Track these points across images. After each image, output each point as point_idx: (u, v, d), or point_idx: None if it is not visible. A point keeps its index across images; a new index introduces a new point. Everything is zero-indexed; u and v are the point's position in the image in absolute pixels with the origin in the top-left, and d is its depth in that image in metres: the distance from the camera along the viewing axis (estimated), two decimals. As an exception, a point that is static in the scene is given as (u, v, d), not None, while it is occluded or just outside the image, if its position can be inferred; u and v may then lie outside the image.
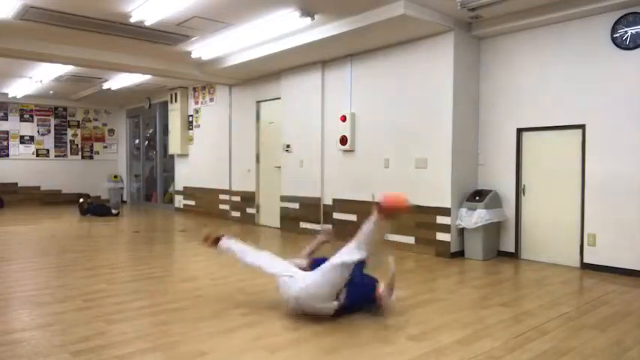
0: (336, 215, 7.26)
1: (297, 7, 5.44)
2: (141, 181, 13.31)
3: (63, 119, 13.02)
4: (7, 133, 12.24)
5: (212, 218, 9.81)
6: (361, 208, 6.89)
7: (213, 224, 8.97)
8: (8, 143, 12.27)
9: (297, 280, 3.35)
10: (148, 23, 5.92)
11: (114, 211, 10.25)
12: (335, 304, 3.32)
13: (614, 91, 5.02)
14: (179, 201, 11.24)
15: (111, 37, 6.67)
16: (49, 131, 12.81)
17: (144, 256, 6.01)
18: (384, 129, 6.59)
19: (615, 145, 5.03)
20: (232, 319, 3.47)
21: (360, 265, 3.39)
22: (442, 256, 5.88)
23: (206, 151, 10.36)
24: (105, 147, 13.78)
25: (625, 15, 4.92)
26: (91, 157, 13.51)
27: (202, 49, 7.18)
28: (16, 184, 12.37)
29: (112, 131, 13.89)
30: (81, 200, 10.32)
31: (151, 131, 12.85)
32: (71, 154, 13.18)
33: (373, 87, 6.73)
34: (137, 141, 13.48)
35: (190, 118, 10.85)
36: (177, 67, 8.25)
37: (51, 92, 11.58)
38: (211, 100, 10.17)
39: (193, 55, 7.47)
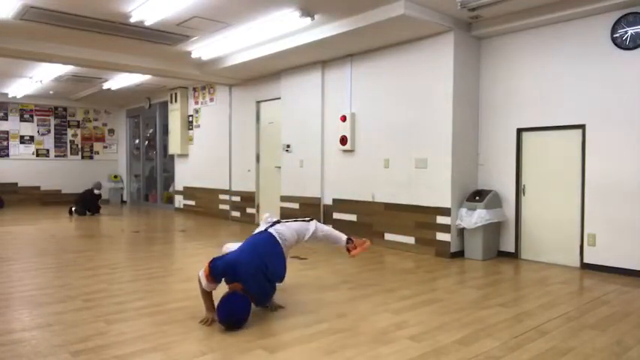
0: (336, 215, 7.26)
1: (297, 7, 5.44)
2: (141, 181, 13.32)
3: (63, 119, 13.02)
4: (7, 133, 12.24)
5: (212, 218, 9.82)
6: (361, 208, 6.90)
7: (214, 224, 8.98)
8: (8, 143, 12.27)
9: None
10: (147, 23, 5.92)
11: (96, 192, 10.43)
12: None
13: (614, 91, 5.02)
14: (179, 201, 11.25)
15: (111, 37, 6.67)
16: (49, 131, 12.81)
17: (144, 256, 6.01)
18: (384, 129, 6.59)
19: (615, 145, 5.03)
20: (232, 319, 3.47)
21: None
22: (442, 256, 5.87)
23: (206, 151, 10.36)
24: (105, 147, 13.78)
25: (625, 15, 4.92)
26: (91, 157, 13.51)
27: (202, 49, 7.18)
28: (16, 184, 12.37)
29: (112, 131, 13.89)
30: (73, 209, 10.45)
31: (151, 131, 12.85)
32: (71, 154, 13.18)
33: (373, 87, 6.73)
34: (137, 141, 13.48)
35: (190, 118, 10.85)
36: (177, 67, 8.25)
37: (51, 92, 11.58)
38: (211, 100, 10.16)
39: (193, 55, 7.47)
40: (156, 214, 10.86)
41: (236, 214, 9.46)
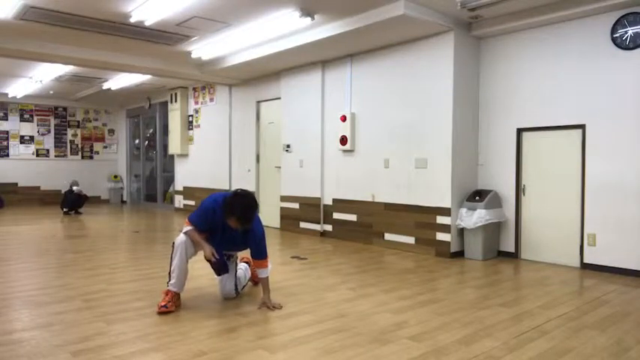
0: (336, 215, 7.26)
1: (297, 7, 5.44)
2: (141, 181, 13.32)
3: (63, 119, 13.02)
4: (7, 133, 12.24)
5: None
6: (361, 208, 6.90)
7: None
8: (8, 143, 12.27)
9: None
10: (147, 23, 5.92)
11: (75, 189, 10.59)
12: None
13: (615, 91, 5.02)
14: (179, 201, 11.25)
15: (111, 37, 6.68)
16: (49, 131, 12.81)
17: (144, 256, 6.01)
18: (384, 129, 6.59)
19: (615, 146, 5.03)
20: (232, 319, 3.47)
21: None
22: (442, 256, 5.88)
23: (206, 151, 10.37)
24: (105, 147, 13.78)
25: (625, 15, 4.92)
26: (91, 157, 13.51)
27: (202, 49, 7.18)
28: (16, 184, 12.37)
29: (112, 131, 13.89)
30: (65, 210, 10.57)
31: (150, 131, 12.85)
32: (71, 154, 13.18)
33: (373, 87, 6.73)
34: (137, 141, 13.48)
35: (190, 118, 10.85)
36: (177, 67, 8.25)
37: (51, 92, 11.58)
38: (211, 100, 10.17)
39: (193, 55, 7.47)
40: (156, 214, 10.86)
41: (236, 214, 9.45)
